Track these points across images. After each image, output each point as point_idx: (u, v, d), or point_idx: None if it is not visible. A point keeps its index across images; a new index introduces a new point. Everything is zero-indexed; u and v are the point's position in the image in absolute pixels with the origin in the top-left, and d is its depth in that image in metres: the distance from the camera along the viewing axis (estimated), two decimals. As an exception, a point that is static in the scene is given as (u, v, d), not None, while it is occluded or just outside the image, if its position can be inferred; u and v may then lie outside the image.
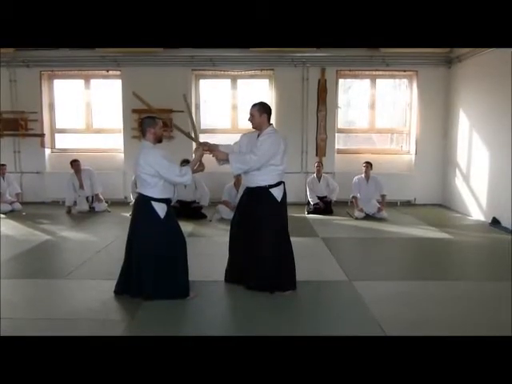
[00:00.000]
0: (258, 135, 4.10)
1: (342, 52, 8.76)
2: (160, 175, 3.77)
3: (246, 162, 3.94)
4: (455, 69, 8.92)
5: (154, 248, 3.81)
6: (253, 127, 4.15)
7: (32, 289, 4.26)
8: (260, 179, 4.03)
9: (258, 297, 3.96)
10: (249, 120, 4.13)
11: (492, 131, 7.41)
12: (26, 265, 5.09)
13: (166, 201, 3.92)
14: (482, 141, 7.82)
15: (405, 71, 9.35)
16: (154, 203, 3.82)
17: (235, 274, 4.27)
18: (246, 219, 4.13)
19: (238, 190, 7.46)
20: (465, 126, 8.47)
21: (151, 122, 3.92)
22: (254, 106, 4.09)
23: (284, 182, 4.15)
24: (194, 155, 4.20)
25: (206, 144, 4.12)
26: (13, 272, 4.77)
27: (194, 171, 3.96)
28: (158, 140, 3.96)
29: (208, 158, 4.18)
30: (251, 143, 4.10)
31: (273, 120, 9.33)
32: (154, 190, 3.81)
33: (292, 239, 4.21)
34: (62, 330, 3.32)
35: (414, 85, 9.39)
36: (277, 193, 4.05)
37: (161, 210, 3.84)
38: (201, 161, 4.08)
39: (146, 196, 3.83)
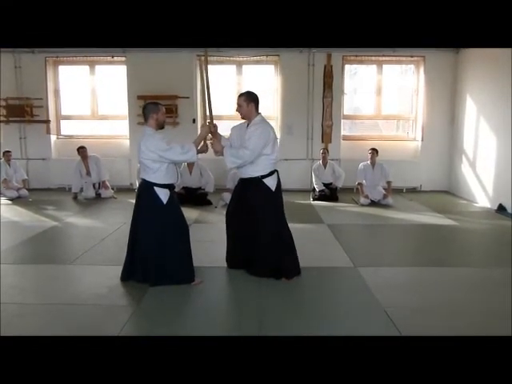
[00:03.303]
0: (248, 125, 4.08)
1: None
2: (164, 158, 3.77)
3: (240, 157, 3.93)
4: (463, 54, 8.81)
5: (156, 233, 3.83)
6: (241, 117, 4.13)
7: (39, 274, 4.30)
8: (252, 170, 4.02)
9: (263, 283, 3.98)
10: (236, 110, 4.11)
11: (499, 117, 7.33)
12: (32, 250, 5.13)
13: (169, 186, 3.92)
14: (489, 127, 7.75)
15: (412, 57, 9.24)
16: (156, 189, 3.82)
17: (237, 262, 4.30)
18: (241, 210, 4.14)
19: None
20: (472, 113, 8.39)
21: (154, 107, 3.91)
22: (241, 95, 4.08)
23: (277, 171, 4.14)
24: (199, 131, 4.18)
25: (215, 126, 4.10)
26: (19, 258, 4.81)
27: (198, 150, 3.95)
28: (160, 126, 3.95)
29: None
30: (241, 135, 4.08)
31: (279, 106, 9.31)
32: (156, 175, 3.81)
33: (297, 226, 4.24)
34: (68, 315, 3.36)
35: (421, 70, 9.30)
36: (270, 182, 4.04)
37: (163, 195, 3.85)
38: (205, 141, 4.06)
39: (149, 181, 3.84)
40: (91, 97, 9.73)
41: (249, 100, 4.03)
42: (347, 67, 9.50)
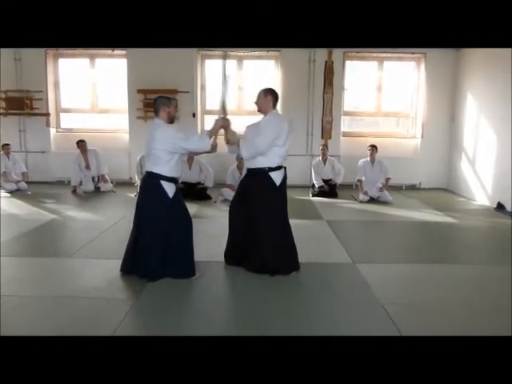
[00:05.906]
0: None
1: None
2: (181, 148, 3.82)
3: (255, 146, 3.92)
4: (464, 52, 8.79)
5: (160, 227, 3.83)
6: (258, 110, 4.14)
7: (38, 267, 4.29)
8: (261, 160, 4.01)
9: (262, 278, 3.98)
10: (254, 103, 4.14)
11: (500, 115, 7.34)
12: (31, 243, 5.13)
13: (175, 180, 3.95)
14: (489, 125, 7.75)
15: (413, 54, 9.22)
16: (163, 182, 3.84)
17: (236, 256, 4.28)
18: (245, 203, 4.14)
19: (241, 173, 7.45)
20: (472, 110, 8.39)
21: (166, 101, 3.96)
22: (262, 89, 4.12)
23: (285, 167, 4.14)
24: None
25: (228, 120, 4.12)
26: (19, 250, 4.81)
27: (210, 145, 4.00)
28: (171, 120, 3.99)
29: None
30: (256, 132, 4.07)
31: (279, 101, 9.28)
32: (166, 166, 3.83)
33: (297, 222, 4.23)
34: (66, 307, 3.36)
35: (422, 68, 9.28)
36: (276, 177, 4.04)
37: (169, 189, 3.87)
38: (216, 138, 4.08)
39: (156, 174, 3.84)
40: (91, 90, 9.71)
41: (267, 92, 4.07)
42: (348, 63, 9.46)
